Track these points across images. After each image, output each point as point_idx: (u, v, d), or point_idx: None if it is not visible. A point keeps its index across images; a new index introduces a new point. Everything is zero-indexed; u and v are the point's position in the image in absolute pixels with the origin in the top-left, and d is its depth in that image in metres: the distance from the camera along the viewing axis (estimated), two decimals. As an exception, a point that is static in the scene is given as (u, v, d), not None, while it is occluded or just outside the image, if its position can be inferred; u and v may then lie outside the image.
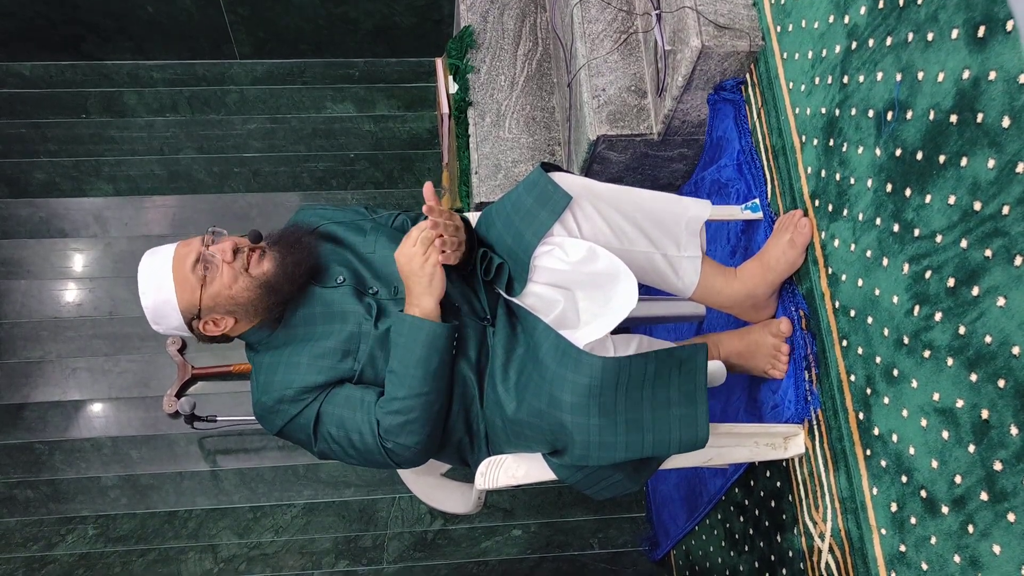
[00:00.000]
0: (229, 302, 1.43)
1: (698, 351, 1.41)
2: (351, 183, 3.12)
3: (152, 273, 1.43)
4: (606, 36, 2.10)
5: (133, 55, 3.18)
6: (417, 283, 1.40)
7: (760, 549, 1.90)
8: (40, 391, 2.83)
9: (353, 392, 1.44)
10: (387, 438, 1.41)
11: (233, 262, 1.42)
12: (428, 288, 1.40)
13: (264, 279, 1.43)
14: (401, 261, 1.41)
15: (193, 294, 1.42)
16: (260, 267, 1.44)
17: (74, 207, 3.03)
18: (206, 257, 1.42)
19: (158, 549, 2.67)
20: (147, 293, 1.43)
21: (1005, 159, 1.11)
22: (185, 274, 1.42)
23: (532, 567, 2.69)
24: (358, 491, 2.76)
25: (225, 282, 1.42)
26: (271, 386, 1.46)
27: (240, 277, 1.42)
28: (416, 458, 1.46)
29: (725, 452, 1.63)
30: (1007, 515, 1.13)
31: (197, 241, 1.45)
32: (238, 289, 1.42)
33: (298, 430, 1.47)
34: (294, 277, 1.45)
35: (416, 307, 1.42)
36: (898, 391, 1.36)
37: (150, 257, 1.46)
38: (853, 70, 1.46)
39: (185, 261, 1.42)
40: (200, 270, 1.41)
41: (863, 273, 1.45)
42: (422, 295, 1.41)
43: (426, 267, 1.39)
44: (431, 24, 3.16)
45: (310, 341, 1.47)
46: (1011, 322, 1.11)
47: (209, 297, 1.43)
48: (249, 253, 1.44)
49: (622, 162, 2.15)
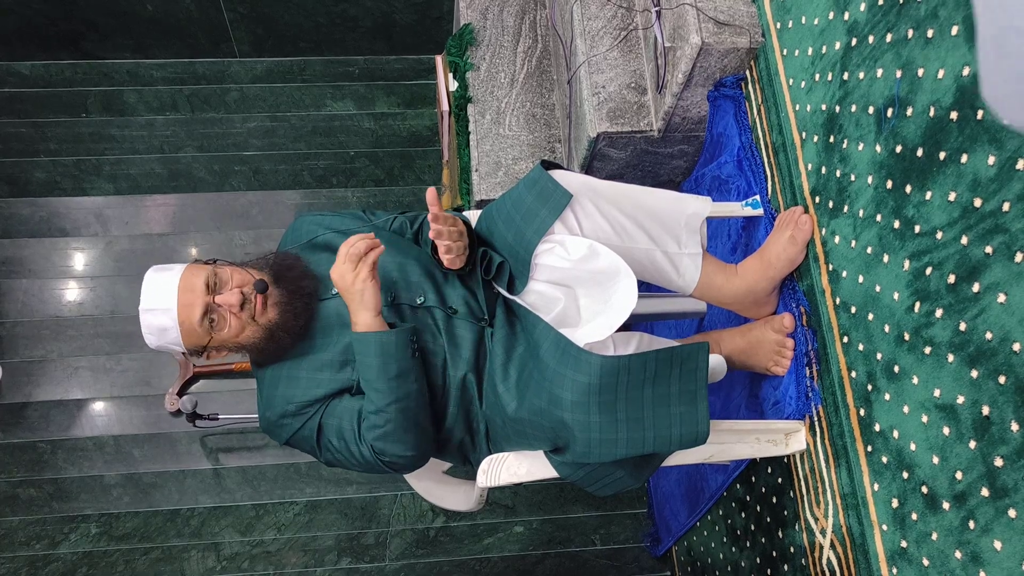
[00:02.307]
0: (235, 346, 1.46)
1: (699, 350, 1.41)
2: (351, 181, 3.12)
3: (156, 318, 1.42)
4: (606, 33, 2.09)
5: (133, 54, 3.18)
6: (351, 299, 1.40)
7: (762, 545, 1.90)
8: (42, 390, 2.83)
9: (351, 404, 1.46)
10: (380, 453, 1.43)
11: (240, 313, 1.43)
12: (361, 303, 1.39)
13: (269, 326, 1.44)
14: (335, 278, 1.39)
15: (201, 340, 1.44)
16: (265, 316, 1.44)
17: (75, 206, 3.04)
18: (213, 309, 1.42)
19: (161, 547, 2.68)
20: (151, 335, 1.43)
21: (1005, 156, 1.11)
22: (192, 326, 1.42)
23: (534, 564, 2.70)
24: (360, 488, 2.76)
25: (232, 332, 1.44)
26: (273, 401, 1.48)
27: (248, 327, 1.44)
28: (412, 464, 1.48)
29: (726, 448, 1.63)
30: (1008, 511, 1.13)
31: (201, 285, 1.41)
32: (245, 337, 1.45)
33: (303, 442, 1.49)
34: (295, 329, 1.46)
35: (357, 324, 1.41)
36: (899, 387, 1.36)
37: (151, 294, 1.42)
38: (853, 67, 1.46)
39: (192, 313, 1.40)
40: (207, 324, 1.42)
41: (864, 269, 1.45)
42: (357, 311, 1.40)
43: (356, 283, 1.37)
44: (431, 21, 3.16)
45: (308, 354, 1.48)
46: (1012, 318, 1.11)
47: (217, 342, 1.45)
48: (255, 302, 1.44)
49: (622, 159, 2.15)
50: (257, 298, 1.43)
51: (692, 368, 1.40)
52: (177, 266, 1.46)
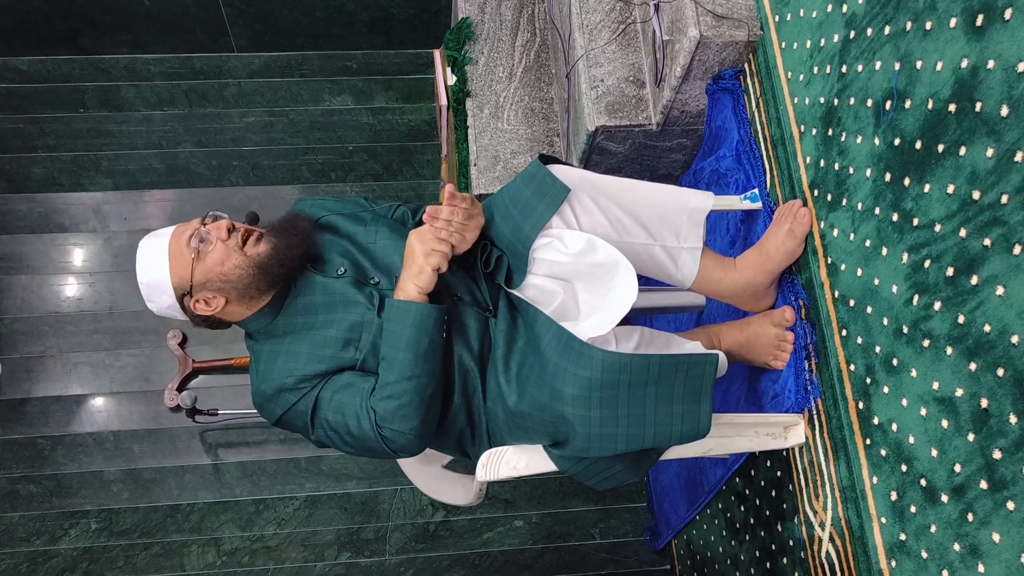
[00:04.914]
0: (220, 279, 1.43)
1: (707, 362, 1.39)
2: (350, 175, 3.12)
3: (150, 251, 1.46)
4: (604, 26, 2.09)
5: (130, 49, 3.17)
6: (410, 266, 1.42)
7: (761, 538, 1.90)
8: (41, 386, 2.84)
9: (353, 379, 1.44)
10: (383, 425, 1.40)
11: (228, 240, 1.44)
12: (418, 276, 1.41)
13: (257, 259, 1.44)
14: (411, 238, 1.42)
15: (185, 268, 1.43)
16: (255, 248, 1.44)
17: (73, 202, 3.03)
18: (201, 233, 1.44)
19: (161, 543, 2.68)
20: (143, 270, 1.45)
21: (1003, 148, 1.11)
22: (180, 248, 1.43)
23: (534, 558, 2.70)
24: (360, 483, 2.76)
25: (217, 258, 1.43)
26: (271, 374, 1.46)
27: (233, 254, 1.43)
28: (412, 445, 1.44)
29: (725, 442, 1.63)
30: (1006, 503, 1.13)
31: (196, 221, 1.47)
32: (230, 266, 1.43)
33: (296, 417, 1.46)
34: (287, 260, 1.46)
35: (402, 291, 1.43)
36: (898, 380, 1.36)
37: (150, 238, 1.48)
38: (852, 59, 1.45)
39: (181, 237, 1.44)
40: (194, 243, 1.43)
41: (862, 263, 1.45)
42: (408, 280, 1.42)
43: (423, 259, 1.40)
44: (429, 15, 3.15)
45: (311, 330, 1.47)
46: (1010, 311, 1.11)
47: (200, 272, 1.43)
48: (245, 233, 1.45)
49: (621, 153, 2.15)
50: (247, 230, 1.45)
51: (698, 375, 1.39)
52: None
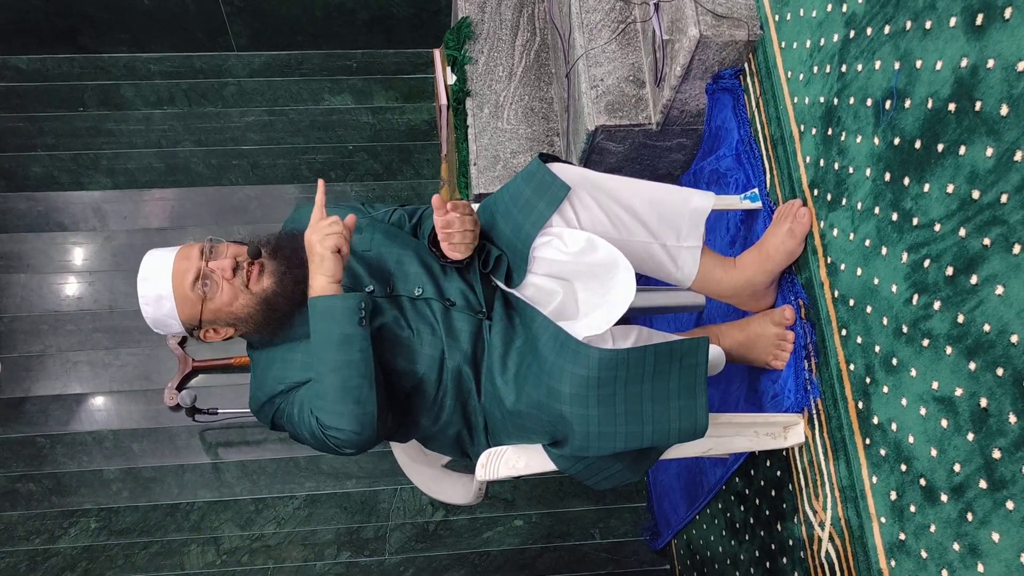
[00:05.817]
0: (230, 316, 1.44)
1: (698, 345, 1.40)
2: (350, 175, 3.12)
3: (152, 286, 1.43)
4: (604, 26, 2.09)
5: (130, 48, 3.17)
6: (312, 261, 1.38)
7: (761, 538, 1.90)
8: (41, 385, 2.83)
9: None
10: (321, 425, 1.38)
11: (233, 279, 1.42)
12: (320, 267, 1.37)
13: (264, 296, 1.43)
14: (307, 236, 1.39)
15: (194, 309, 1.43)
16: (260, 284, 1.43)
17: (73, 200, 3.03)
18: (206, 274, 1.42)
19: (160, 541, 2.68)
20: (148, 306, 1.44)
21: (1003, 147, 1.11)
22: (185, 292, 1.42)
23: (534, 557, 2.70)
24: (360, 483, 2.76)
25: (226, 300, 1.43)
26: (266, 381, 1.47)
27: (241, 295, 1.43)
28: (353, 443, 1.39)
29: (725, 441, 1.63)
30: (1006, 503, 1.13)
31: (196, 254, 1.43)
32: (238, 306, 1.43)
33: (286, 421, 1.47)
34: (293, 296, 1.44)
35: (312, 288, 1.39)
36: (897, 380, 1.36)
37: (149, 266, 1.45)
38: (851, 59, 1.45)
39: (185, 278, 1.42)
40: (200, 288, 1.42)
41: (862, 262, 1.45)
42: (314, 274, 1.38)
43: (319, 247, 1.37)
44: (429, 15, 3.15)
45: (306, 338, 1.47)
46: (1009, 310, 1.11)
47: (210, 312, 1.44)
48: (248, 269, 1.43)
49: (621, 152, 2.15)
50: (251, 266, 1.42)
51: (692, 363, 1.39)
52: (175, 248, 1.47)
